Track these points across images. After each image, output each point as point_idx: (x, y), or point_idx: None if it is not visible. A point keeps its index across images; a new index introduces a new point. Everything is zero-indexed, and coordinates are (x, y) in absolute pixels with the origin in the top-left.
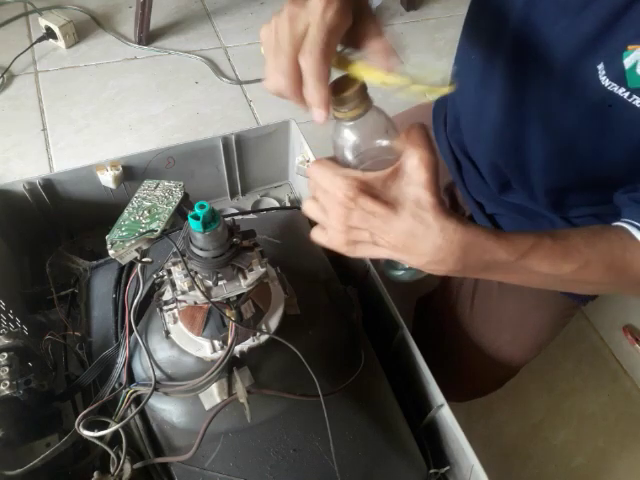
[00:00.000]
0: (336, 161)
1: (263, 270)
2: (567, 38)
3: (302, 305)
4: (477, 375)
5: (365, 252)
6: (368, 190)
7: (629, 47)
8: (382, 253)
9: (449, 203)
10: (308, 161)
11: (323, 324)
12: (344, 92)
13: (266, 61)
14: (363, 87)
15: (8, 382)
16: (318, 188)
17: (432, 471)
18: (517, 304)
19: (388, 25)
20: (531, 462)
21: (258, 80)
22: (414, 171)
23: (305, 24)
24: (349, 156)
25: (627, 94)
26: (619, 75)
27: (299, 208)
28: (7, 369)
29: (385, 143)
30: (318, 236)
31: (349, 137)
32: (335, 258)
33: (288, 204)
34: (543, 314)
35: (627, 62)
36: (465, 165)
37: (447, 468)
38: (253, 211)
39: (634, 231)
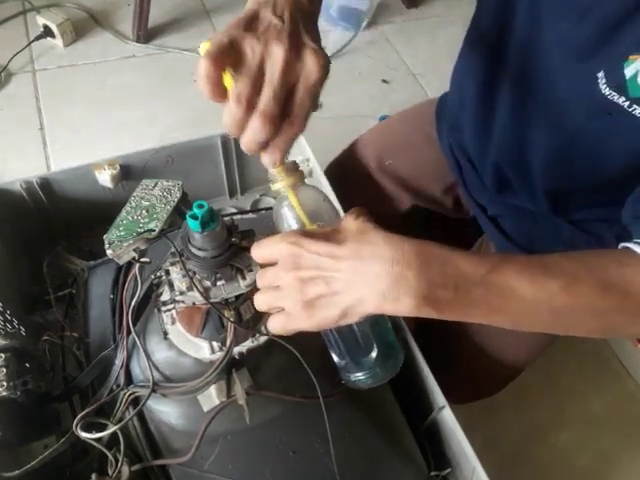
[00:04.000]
0: None
1: None
2: (567, 42)
3: None
4: (480, 376)
5: (325, 311)
6: (309, 235)
7: (630, 57)
8: (342, 303)
9: (452, 204)
10: (308, 160)
11: None
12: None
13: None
14: (294, 162)
15: (5, 383)
16: (265, 270)
17: (433, 473)
18: None
19: (389, 23)
20: (533, 464)
21: None
22: (352, 220)
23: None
24: (288, 228)
25: (627, 103)
26: (620, 84)
27: None
28: (4, 370)
29: (321, 216)
30: (274, 321)
31: (287, 210)
32: None
33: None
34: None
35: (628, 72)
36: (464, 165)
37: (448, 470)
38: (252, 210)
39: (634, 246)
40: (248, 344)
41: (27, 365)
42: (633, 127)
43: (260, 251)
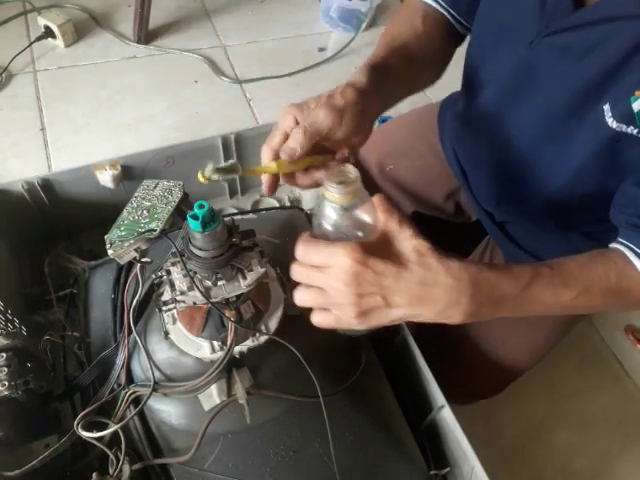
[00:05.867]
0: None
1: (263, 270)
2: (568, 82)
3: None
4: (482, 378)
5: (379, 319)
6: (375, 253)
7: (636, 92)
8: (396, 314)
9: (454, 209)
10: None
11: None
12: (346, 181)
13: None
14: (359, 178)
15: (7, 383)
16: (312, 269)
17: (433, 472)
18: None
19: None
20: (532, 463)
21: (258, 79)
22: (399, 229)
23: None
24: (331, 233)
25: (637, 130)
26: (627, 117)
27: (299, 208)
28: (6, 370)
29: (365, 219)
30: (322, 319)
31: (334, 216)
32: None
33: (288, 204)
34: (554, 319)
35: (636, 106)
36: (469, 172)
37: (448, 469)
38: (252, 211)
39: (631, 256)
40: (249, 343)
41: (28, 365)
42: None
43: (313, 255)
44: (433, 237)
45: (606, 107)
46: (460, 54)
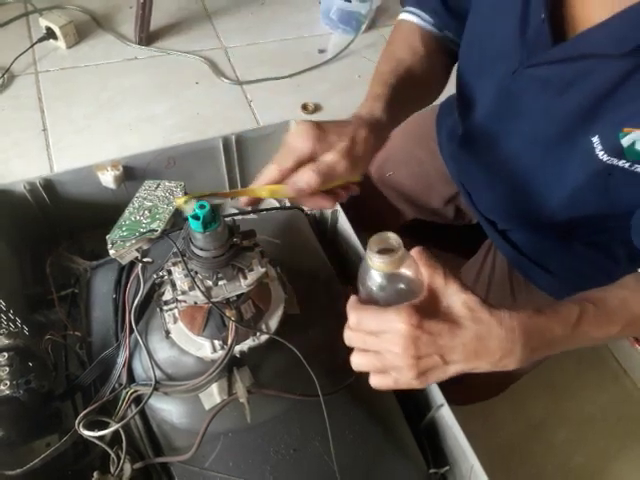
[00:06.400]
0: (362, 301)
1: (263, 270)
2: (551, 114)
3: (302, 305)
4: (481, 380)
5: (437, 376)
6: (427, 314)
7: (625, 129)
8: (454, 369)
9: (454, 214)
10: None
11: (323, 324)
12: (388, 248)
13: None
14: (404, 247)
15: (8, 382)
16: (367, 335)
17: (432, 471)
18: None
19: (388, 26)
20: (530, 462)
21: (258, 80)
22: (445, 285)
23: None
24: (377, 294)
25: (628, 164)
26: (617, 151)
27: (299, 208)
28: (7, 369)
29: (409, 276)
30: (380, 382)
31: (380, 279)
32: (335, 257)
33: (288, 204)
34: None
35: (625, 142)
36: (470, 190)
37: (447, 468)
38: (253, 211)
39: None
40: (249, 343)
41: (30, 364)
42: (634, 182)
43: (368, 322)
44: (435, 241)
45: (595, 139)
46: None
